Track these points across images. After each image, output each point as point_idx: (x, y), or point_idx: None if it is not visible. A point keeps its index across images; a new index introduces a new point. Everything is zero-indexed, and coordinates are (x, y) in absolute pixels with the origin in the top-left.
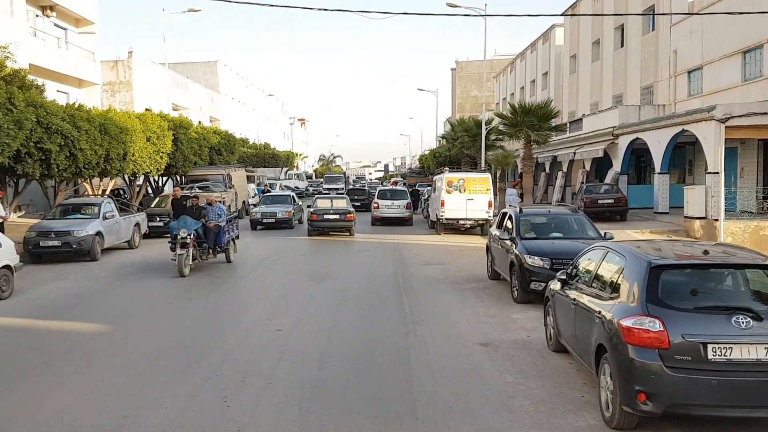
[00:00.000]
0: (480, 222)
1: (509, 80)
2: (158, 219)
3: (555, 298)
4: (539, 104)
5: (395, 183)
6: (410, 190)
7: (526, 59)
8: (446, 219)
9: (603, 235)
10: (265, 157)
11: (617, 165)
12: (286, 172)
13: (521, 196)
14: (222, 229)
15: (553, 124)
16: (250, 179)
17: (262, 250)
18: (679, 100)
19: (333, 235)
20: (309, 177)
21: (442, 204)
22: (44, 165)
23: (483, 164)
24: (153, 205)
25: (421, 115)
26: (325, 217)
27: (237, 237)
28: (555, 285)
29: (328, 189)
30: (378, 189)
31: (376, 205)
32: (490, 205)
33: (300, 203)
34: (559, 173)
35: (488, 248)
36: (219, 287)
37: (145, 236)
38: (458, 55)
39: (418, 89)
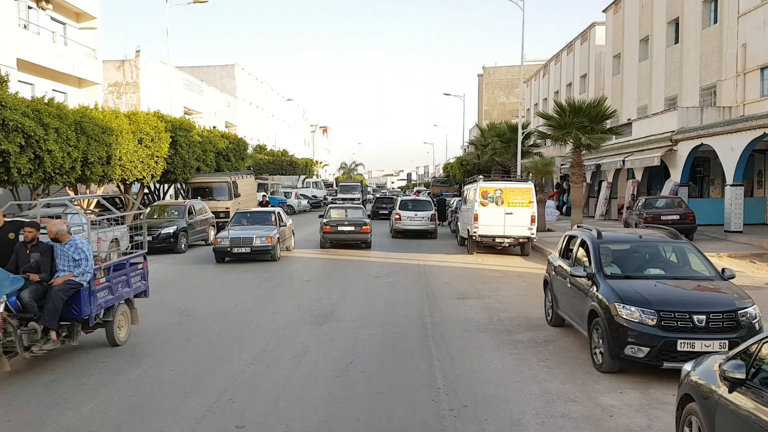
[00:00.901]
0: (521, 240)
1: (542, 84)
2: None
3: (713, 402)
4: (591, 102)
5: (418, 192)
6: (436, 199)
7: (562, 61)
8: (480, 236)
9: (721, 272)
10: (282, 165)
11: (676, 175)
12: (304, 180)
13: (560, 208)
14: (87, 288)
15: (608, 126)
16: (262, 187)
17: (255, 279)
18: (749, 101)
19: (347, 250)
20: (329, 185)
21: (476, 218)
22: (2, 169)
23: (519, 172)
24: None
25: (446, 122)
26: (339, 228)
27: (144, 292)
28: (710, 380)
29: (343, 199)
30: (399, 199)
31: (397, 216)
32: (533, 220)
33: (289, 223)
34: (604, 184)
35: (547, 283)
36: (208, 326)
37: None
38: (485, 62)
39: (444, 93)
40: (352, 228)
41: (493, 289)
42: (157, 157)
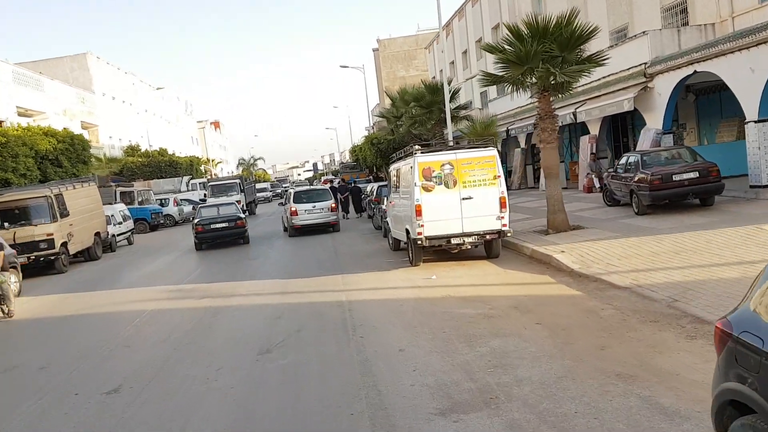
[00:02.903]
0: (488, 237)
1: (447, 47)
2: None
3: None
4: (559, 21)
5: (328, 181)
6: (350, 187)
7: (466, 15)
8: (428, 238)
9: None
10: (160, 166)
11: (655, 120)
12: (189, 181)
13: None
14: None
15: (587, 53)
16: (126, 197)
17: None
18: (740, 12)
19: (227, 280)
20: None
21: (418, 212)
22: None
23: (451, 142)
24: None
25: (346, 103)
26: (213, 226)
27: None
28: None
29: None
30: (292, 191)
31: (292, 210)
32: (503, 204)
33: None
34: None
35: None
36: None
37: None
38: (379, 34)
39: (341, 66)
40: (225, 224)
41: (498, 360)
42: None
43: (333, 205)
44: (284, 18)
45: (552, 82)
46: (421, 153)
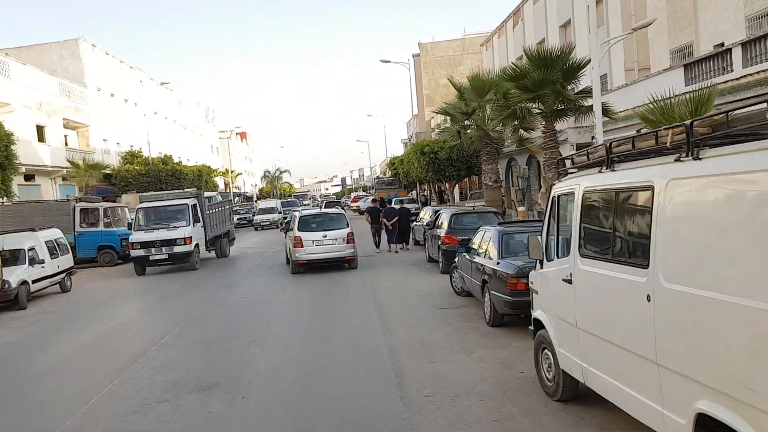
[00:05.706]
0: None
1: (510, 41)
2: None
3: None
4: None
5: (357, 199)
6: (398, 208)
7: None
8: None
9: None
10: (160, 176)
11: None
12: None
13: None
14: None
15: None
16: (88, 215)
17: None
18: None
19: None
20: (249, 199)
21: None
22: None
23: (598, 134)
24: None
25: (382, 112)
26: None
27: None
28: None
29: (143, 243)
30: (298, 216)
31: (297, 240)
32: None
33: None
34: None
35: None
36: None
37: None
38: (421, 38)
39: (382, 61)
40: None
41: None
42: None
43: (349, 234)
44: (319, 28)
45: None
46: None
